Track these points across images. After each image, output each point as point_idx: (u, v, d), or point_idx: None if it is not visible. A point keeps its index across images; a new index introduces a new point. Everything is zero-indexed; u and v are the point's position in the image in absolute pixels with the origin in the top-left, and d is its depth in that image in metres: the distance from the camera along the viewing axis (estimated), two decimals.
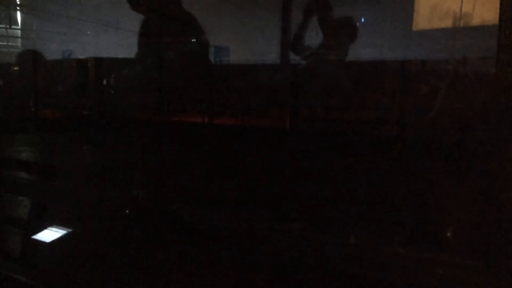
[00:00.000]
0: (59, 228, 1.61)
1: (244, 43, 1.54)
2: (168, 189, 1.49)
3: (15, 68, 2.20)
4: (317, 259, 1.08)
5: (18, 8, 2.31)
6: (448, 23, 1.16)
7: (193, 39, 1.59)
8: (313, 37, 1.42)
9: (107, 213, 1.48)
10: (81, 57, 1.90)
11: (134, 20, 1.59)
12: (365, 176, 1.19)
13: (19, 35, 2.32)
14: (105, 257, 1.41)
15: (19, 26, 2.30)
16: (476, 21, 1.11)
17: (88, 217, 1.56)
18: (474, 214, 1.01)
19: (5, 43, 2.39)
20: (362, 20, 1.40)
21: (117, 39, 1.73)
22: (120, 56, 1.75)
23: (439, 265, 0.96)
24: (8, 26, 2.33)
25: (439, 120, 1.10)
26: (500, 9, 0.78)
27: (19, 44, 2.31)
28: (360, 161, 1.20)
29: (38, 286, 1.41)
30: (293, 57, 1.46)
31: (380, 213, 1.13)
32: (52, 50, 2.03)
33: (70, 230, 1.59)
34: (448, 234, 1.07)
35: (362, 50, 1.38)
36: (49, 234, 1.60)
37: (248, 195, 1.35)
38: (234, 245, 1.23)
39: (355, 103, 1.34)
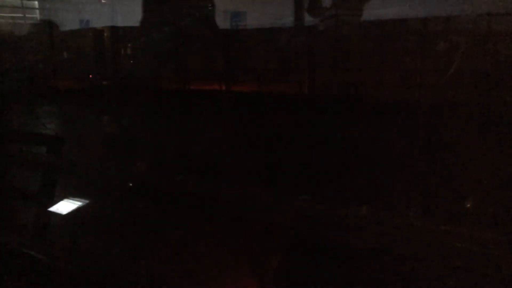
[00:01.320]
0: (76, 201, 1.67)
1: (261, 7, 1.51)
2: (187, 159, 1.51)
3: (32, 40, 2.22)
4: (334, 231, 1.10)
5: None
6: None
7: (209, 5, 1.57)
8: None
9: (121, 185, 1.52)
10: (97, 26, 1.90)
11: None
12: (388, 142, 1.18)
13: (35, 6, 2.32)
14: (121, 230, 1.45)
15: None
16: None
17: (104, 190, 1.60)
18: (498, 184, 0.99)
19: (21, 15, 2.40)
20: None
21: (134, 7, 1.72)
22: (136, 24, 1.74)
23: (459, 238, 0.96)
24: None
25: (463, 82, 1.08)
26: None
27: (35, 16, 2.31)
28: (383, 126, 1.19)
29: (49, 260, 1.47)
30: (310, 20, 1.43)
31: (402, 182, 1.13)
32: (69, 20, 2.03)
33: (87, 202, 1.65)
34: (469, 205, 1.05)
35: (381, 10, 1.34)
36: (67, 207, 1.66)
37: (269, 165, 1.36)
38: (252, 218, 1.25)
39: (375, 66, 1.31)
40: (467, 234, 0.97)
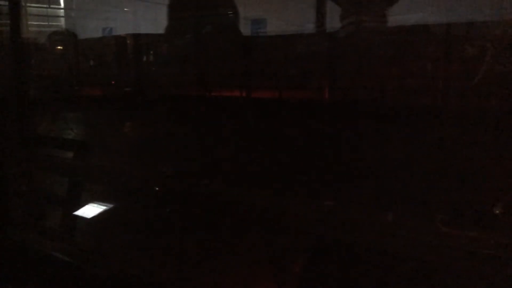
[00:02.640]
0: (102, 206, 1.70)
1: (281, 14, 1.52)
2: (209, 165, 1.53)
3: (57, 47, 2.28)
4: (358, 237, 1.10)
5: None
6: None
7: (230, 12, 1.59)
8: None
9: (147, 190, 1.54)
10: (120, 34, 1.94)
11: None
12: (413, 148, 1.18)
13: (59, 14, 2.38)
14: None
15: (59, 6, 2.37)
16: None
17: (129, 194, 1.63)
18: None
19: (46, 23, 2.47)
20: None
21: (157, 15, 1.75)
22: (159, 32, 1.77)
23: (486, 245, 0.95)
24: (48, 6, 2.40)
25: (489, 88, 1.07)
26: None
27: (60, 23, 2.38)
28: (407, 133, 1.18)
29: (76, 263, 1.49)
30: (331, 26, 1.43)
31: (428, 188, 1.12)
32: (92, 28, 2.08)
33: (113, 207, 1.68)
34: (497, 211, 1.04)
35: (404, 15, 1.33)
36: (93, 211, 1.69)
37: (290, 171, 1.36)
38: (269, 222, 1.25)
39: (396, 72, 1.31)
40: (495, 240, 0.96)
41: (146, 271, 1.35)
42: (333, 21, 1.41)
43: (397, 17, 1.33)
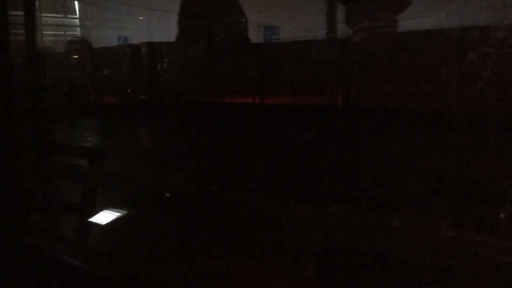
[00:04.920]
0: (117, 212, 1.72)
1: (293, 21, 1.53)
2: (223, 170, 1.54)
3: (73, 56, 2.33)
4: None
5: None
6: None
7: (243, 20, 1.60)
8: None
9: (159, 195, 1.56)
10: (135, 42, 1.97)
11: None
12: (424, 153, 1.17)
13: (75, 23, 2.43)
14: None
15: (75, 15, 2.42)
16: None
17: (142, 200, 1.64)
18: None
19: (62, 32, 2.52)
20: None
21: (170, 24, 1.78)
22: (172, 40, 1.80)
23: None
24: (64, 16, 2.45)
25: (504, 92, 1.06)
26: None
27: (76, 33, 2.43)
28: (421, 138, 1.18)
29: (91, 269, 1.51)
30: (343, 32, 1.44)
31: (442, 194, 1.11)
32: (108, 37, 2.12)
33: (129, 214, 1.70)
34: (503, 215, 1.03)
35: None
36: (107, 217, 1.71)
37: (305, 178, 1.36)
38: (281, 229, 1.25)
39: (409, 77, 1.30)
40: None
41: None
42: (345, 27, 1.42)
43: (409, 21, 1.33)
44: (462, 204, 1.09)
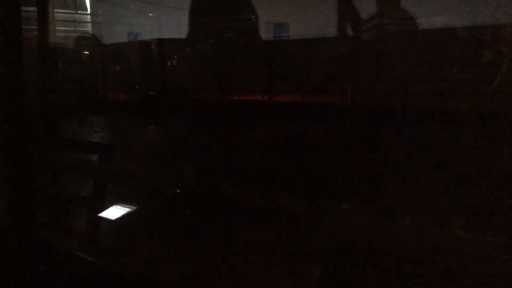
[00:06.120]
0: (126, 208, 1.73)
1: (303, 18, 1.53)
2: (232, 167, 1.54)
3: (83, 52, 2.34)
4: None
5: None
6: None
7: (253, 17, 1.61)
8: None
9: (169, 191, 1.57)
10: (145, 39, 1.99)
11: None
12: (434, 152, 1.17)
13: (86, 19, 2.45)
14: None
15: (86, 11, 2.44)
16: None
17: (152, 196, 1.65)
18: None
19: (73, 28, 2.54)
20: None
21: (180, 20, 1.79)
22: (182, 37, 1.80)
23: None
24: (75, 12, 2.48)
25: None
26: None
27: (86, 29, 2.45)
28: (430, 138, 1.17)
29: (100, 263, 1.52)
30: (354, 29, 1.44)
31: (448, 196, 1.11)
32: (118, 33, 2.14)
33: (138, 210, 1.71)
34: None
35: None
36: (117, 212, 1.73)
37: (314, 176, 1.36)
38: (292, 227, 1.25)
39: (419, 75, 1.30)
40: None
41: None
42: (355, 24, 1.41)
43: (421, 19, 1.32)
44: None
